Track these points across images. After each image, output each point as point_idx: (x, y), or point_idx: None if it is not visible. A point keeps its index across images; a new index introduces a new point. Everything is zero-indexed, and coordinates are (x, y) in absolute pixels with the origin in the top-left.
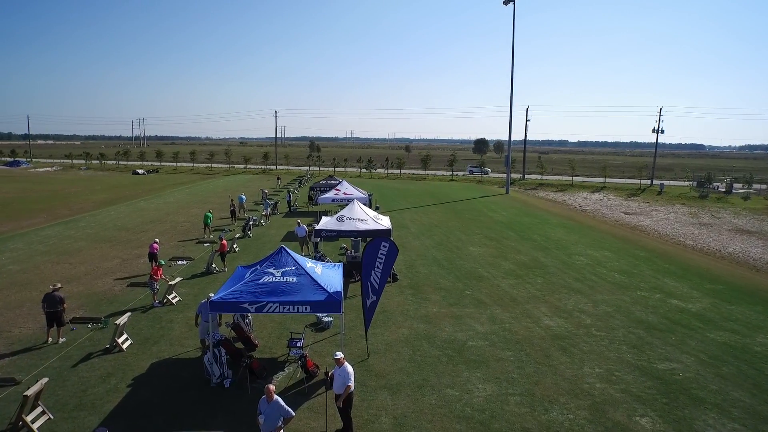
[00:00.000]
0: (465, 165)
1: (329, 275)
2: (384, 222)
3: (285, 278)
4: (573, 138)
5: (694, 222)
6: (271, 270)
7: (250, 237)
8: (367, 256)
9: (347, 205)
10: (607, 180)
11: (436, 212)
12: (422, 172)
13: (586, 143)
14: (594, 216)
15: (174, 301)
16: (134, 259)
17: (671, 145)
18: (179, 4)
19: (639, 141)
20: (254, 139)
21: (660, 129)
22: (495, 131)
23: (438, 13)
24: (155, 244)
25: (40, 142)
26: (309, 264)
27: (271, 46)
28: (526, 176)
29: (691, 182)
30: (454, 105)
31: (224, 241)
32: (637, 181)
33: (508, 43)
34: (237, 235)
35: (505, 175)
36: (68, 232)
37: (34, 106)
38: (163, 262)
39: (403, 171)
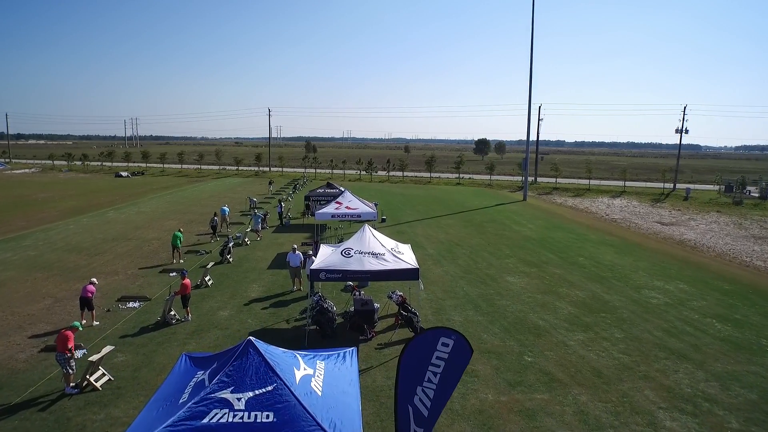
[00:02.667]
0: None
1: (336, 393)
2: (406, 257)
3: (252, 414)
4: (570, 138)
5: (744, 234)
6: (226, 394)
7: (229, 263)
8: (410, 362)
9: (355, 231)
10: (626, 184)
11: (452, 225)
12: (426, 174)
13: (582, 143)
14: (628, 227)
15: (98, 384)
16: (72, 298)
17: (668, 146)
18: (176, 4)
19: (636, 141)
20: (250, 139)
21: (684, 129)
22: (495, 131)
23: (435, 12)
24: (91, 286)
25: (31, 141)
26: (300, 371)
27: (269, 45)
28: (538, 179)
29: (719, 186)
30: (452, 104)
31: (186, 281)
32: (658, 185)
33: (506, 43)
34: (210, 264)
35: (514, 178)
36: (2, 255)
37: (31, 105)
38: (79, 326)
39: (405, 173)
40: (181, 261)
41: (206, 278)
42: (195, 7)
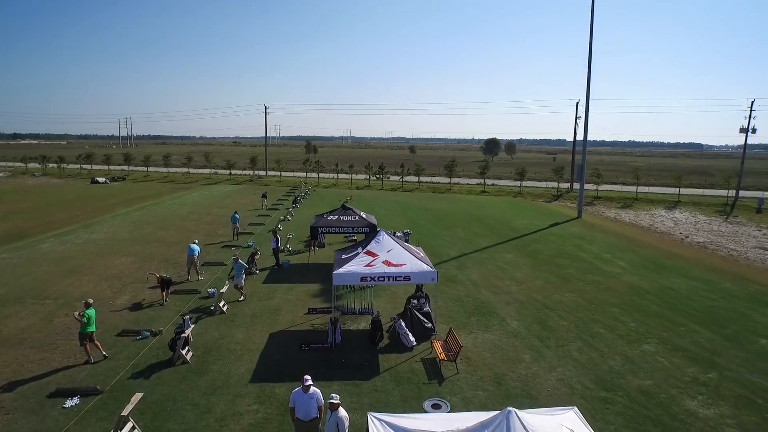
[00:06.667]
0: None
1: None
2: None
3: None
4: (569, 137)
5: None
6: None
7: (187, 363)
8: None
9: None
10: (680, 191)
11: (516, 264)
12: (444, 180)
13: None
14: (733, 258)
15: None
16: None
17: (669, 144)
18: (175, 4)
19: (637, 140)
20: (248, 139)
21: (752, 127)
22: (498, 130)
23: (435, 10)
24: None
25: (26, 141)
26: None
27: (268, 44)
28: (574, 186)
29: None
30: (454, 102)
31: None
32: (713, 193)
33: (507, 40)
34: (131, 403)
35: (542, 184)
36: None
37: (29, 104)
38: None
39: (421, 179)
40: (104, 354)
41: (129, 427)
42: (196, 5)
